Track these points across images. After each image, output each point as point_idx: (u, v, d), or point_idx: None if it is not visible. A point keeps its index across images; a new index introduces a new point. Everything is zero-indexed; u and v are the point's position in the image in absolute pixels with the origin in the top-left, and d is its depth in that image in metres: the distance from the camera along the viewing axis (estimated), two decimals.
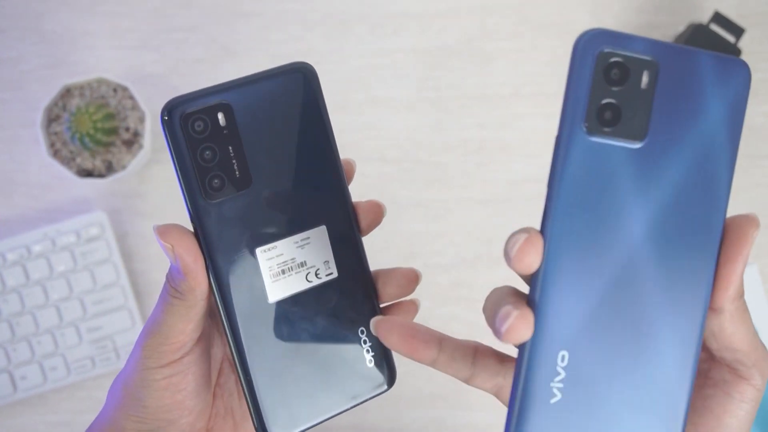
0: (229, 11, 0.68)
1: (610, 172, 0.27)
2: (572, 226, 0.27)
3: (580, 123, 0.27)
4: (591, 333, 0.28)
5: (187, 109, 0.32)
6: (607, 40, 0.27)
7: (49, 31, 0.68)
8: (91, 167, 0.65)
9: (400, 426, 0.67)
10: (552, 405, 0.28)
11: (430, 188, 0.67)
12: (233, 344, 0.34)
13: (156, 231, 0.32)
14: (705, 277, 0.28)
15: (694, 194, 0.28)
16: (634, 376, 0.28)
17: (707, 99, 0.28)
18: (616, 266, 0.28)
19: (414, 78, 0.68)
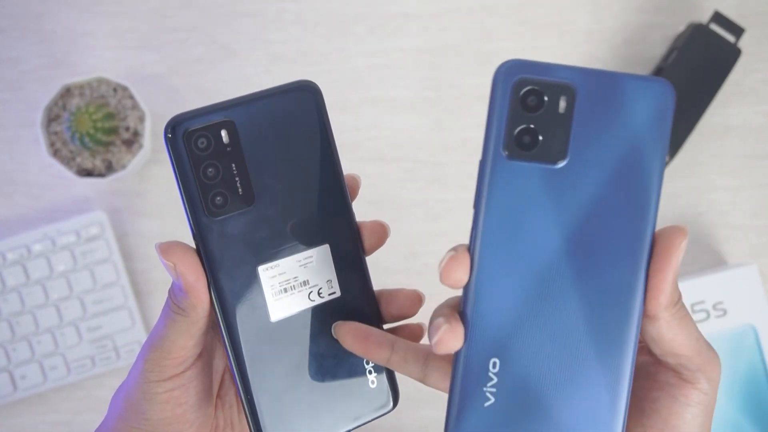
0: (229, 11, 0.68)
1: (532, 191, 0.29)
2: (497, 243, 0.29)
3: (499, 147, 0.29)
4: (521, 341, 0.29)
5: (190, 126, 0.32)
6: (523, 69, 0.29)
7: (49, 31, 0.68)
8: (91, 167, 0.65)
9: (400, 426, 0.67)
10: (486, 408, 0.30)
11: (430, 188, 0.67)
12: (234, 362, 0.34)
13: (158, 249, 0.32)
14: (635, 286, 0.29)
15: (621, 209, 0.29)
16: (567, 380, 0.29)
17: (627, 119, 0.29)
18: (543, 278, 0.29)
19: (414, 78, 0.68)
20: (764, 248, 0.67)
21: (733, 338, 0.62)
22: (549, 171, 0.29)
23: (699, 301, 0.62)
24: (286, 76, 0.67)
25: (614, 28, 0.68)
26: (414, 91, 0.68)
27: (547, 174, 0.29)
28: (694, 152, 0.67)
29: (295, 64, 0.68)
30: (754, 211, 0.67)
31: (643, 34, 0.68)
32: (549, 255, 0.29)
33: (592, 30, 0.68)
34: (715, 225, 0.67)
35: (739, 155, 0.67)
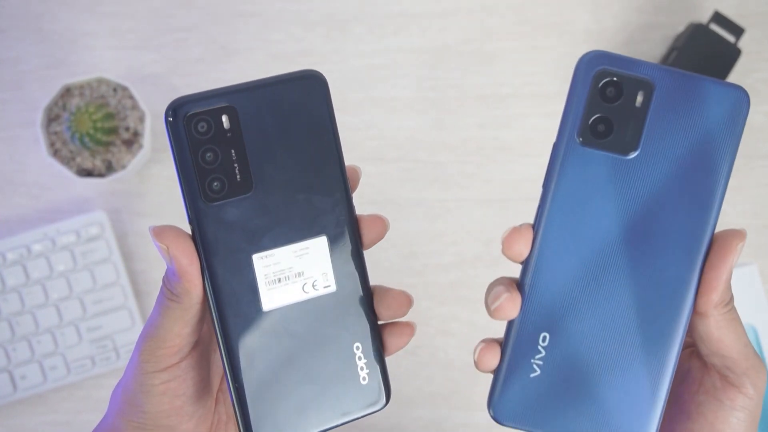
0: (229, 11, 0.68)
1: (601, 178, 0.30)
2: (560, 223, 0.31)
3: (574, 133, 0.30)
4: (572, 320, 0.31)
5: (191, 109, 0.32)
6: (606, 61, 0.30)
7: (49, 31, 0.68)
8: (91, 167, 0.65)
9: (400, 426, 0.67)
10: (531, 378, 0.31)
11: (430, 188, 0.67)
12: (224, 349, 0.33)
13: (152, 232, 0.31)
14: (689, 281, 0.30)
15: (684, 205, 0.30)
16: (611, 364, 0.31)
17: (702, 121, 0.30)
18: (601, 263, 0.31)
19: (414, 78, 0.68)
20: (764, 248, 0.67)
21: None
22: (619, 161, 0.30)
23: None
24: None
25: (614, 28, 0.68)
26: (414, 91, 0.68)
27: (617, 164, 0.30)
28: None
29: (295, 64, 0.68)
30: (754, 211, 0.67)
31: (643, 34, 0.68)
32: (609, 241, 0.30)
33: (592, 30, 0.68)
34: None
35: (739, 155, 0.67)
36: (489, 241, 0.67)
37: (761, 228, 0.67)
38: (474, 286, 0.67)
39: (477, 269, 0.67)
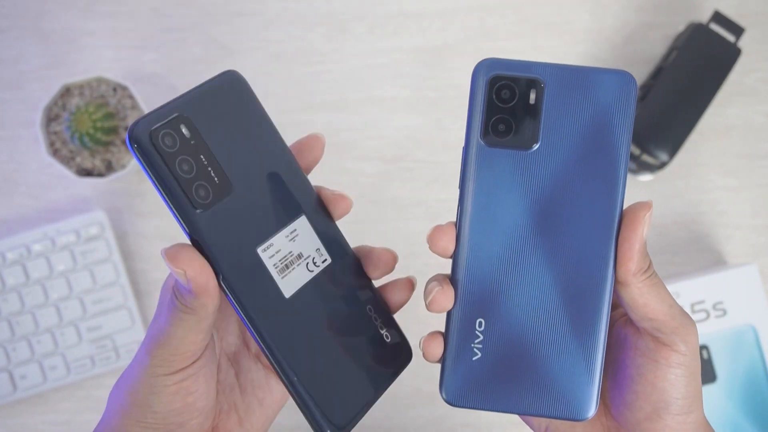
0: (229, 11, 0.68)
1: (509, 173, 0.33)
2: (479, 218, 0.34)
3: (477, 136, 0.34)
4: (504, 304, 0.34)
5: (151, 127, 0.32)
6: (497, 67, 0.33)
7: (49, 31, 0.68)
8: (91, 166, 0.65)
9: (400, 425, 0.67)
10: (474, 362, 0.34)
11: (430, 188, 0.67)
12: (267, 349, 0.34)
13: (165, 257, 0.31)
14: (606, 255, 0.33)
15: (590, 187, 0.33)
16: (546, 339, 0.33)
17: (593, 107, 0.33)
18: (521, 248, 0.33)
19: (414, 78, 0.68)
20: (764, 248, 0.67)
21: (733, 338, 0.62)
22: (522, 155, 0.33)
23: (699, 301, 0.62)
24: (286, 75, 0.68)
25: (614, 27, 0.68)
26: (414, 91, 0.68)
27: (521, 158, 0.33)
28: (694, 152, 0.67)
29: (295, 63, 0.68)
30: (754, 211, 0.67)
31: (643, 34, 0.68)
32: (527, 228, 0.33)
33: (592, 29, 0.68)
34: (715, 225, 0.67)
35: (739, 155, 0.67)
36: None
37: (761, 228, 0.67)
38: None
39: None
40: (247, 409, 0.37)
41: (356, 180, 0.67)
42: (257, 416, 0.37)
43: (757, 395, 0.62)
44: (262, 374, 0.38)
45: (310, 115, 0.67)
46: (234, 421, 0.37)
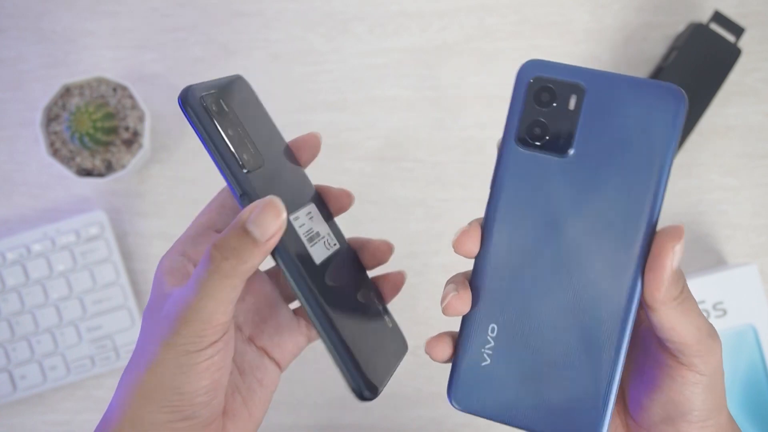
0: (229, 11, 0.68)
1: (540, 178, 0.32)
2: (506, 222, 0.33)
3: (512, 138, 0.33)
4: (519, 312, 0.32)
5: (200, 93, 0.34)
6: (540, 69, 0.32)
7: (49, 30, 0.68)
8: (91, 167, 0.65)
9: (400, 426, 0.67)
10: (483, 367, 0.33)
11: (430, 188, 0.67)
12: (314, 306, 0.35)
13: (251, 214, 0.32)
14: (632, 276, 0.31)
15: (622, 203, 0.31)
16: (560, 353, 0.32)
17: (635, 120, 0.31)
18: (545, 257, 0.32)
19: (414, 78, 0.68)
20: (764, 248, 0.67)
21: (733, 338, 0.62)
22: (556, 161, 0.32)
23: (699, 301, 0.62)
24: (286, 75, 0.68)
25: (614, 27, 0.68)
26: (414, 91, 0.68)
27: (555, 164, 0.32)
28: (694, 152, 0.67)
29: (295, 63, 0.68)
30: (754, 211, 0.67)
31: (642, 34, 0.68)
32: (552, 237, 0.32)
33: (591, 29, 0.68)
34: (715, 225, 0.67)
35: (739, 155, 0.67)
36: None
37: (761, 228, 0.67)
38: None
39: None
40: (248, 389, 0.37)
41: (356, 180, 0.67)
42: (258, 396, 0.37)
43: (757, 395, 0.62)
44: (257, 355, 0.38)
45: (310, 115, 0.67)
46: (239, 402, 0.37)
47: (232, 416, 0.36)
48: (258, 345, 0.39)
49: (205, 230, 0.37)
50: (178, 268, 0.36)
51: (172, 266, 0.36)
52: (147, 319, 0.35)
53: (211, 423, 0.34)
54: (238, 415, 0.36)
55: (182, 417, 0.33)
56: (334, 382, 0.67)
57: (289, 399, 0.67)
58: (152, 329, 0.34)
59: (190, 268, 0.36)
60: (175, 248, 0.37)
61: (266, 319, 0.39)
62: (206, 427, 0.34)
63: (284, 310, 0.40)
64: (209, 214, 0.38)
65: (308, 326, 0.40)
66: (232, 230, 0.32)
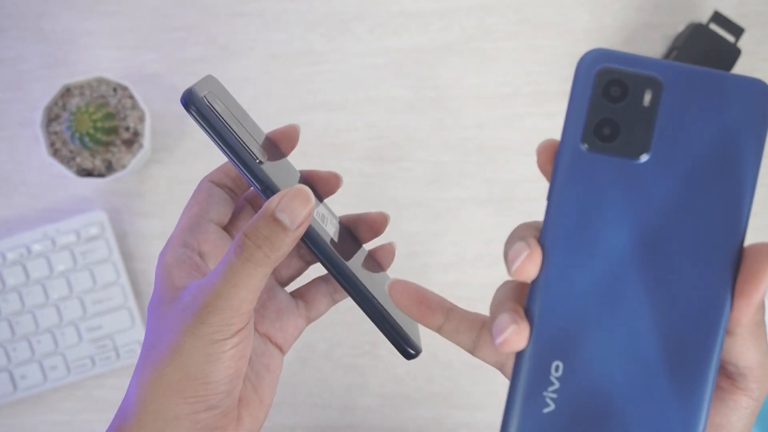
0: (229, 11, 0.68)
1: (611, 186, 0.28)
2: (569, 240, 0.28)
3: (577, 138, 0.28)
4: (588, 346, 0.27)
5: (201, 93, 0.35)
6: (609, 59, 0.28)
7: (49, 30, 0.68)
8: (91, 167, 0.65)
9: (400, 426, 0.67)
10: (544, 414, 0.27)
11: (430, 188, 0.67)
12: (353, 282, 0.36)
13: (280, 204, 0.32)
14: (720, 300, 0.27)
15: (707, 213, 0.27)
16: (636, 394, 0.27)
17: (719, 119, 0.27)
18: (617, 281, 0.27)
19: (414, 78, 0.68)
20: None
21: None
22: (629, 166, 0.28)
23: None
24: (286, 75, 0.68)
25: (614, 27, 0.68)
26: (414, 91, 0.68)
27: (627, 169, 0.28)
28: None
29: (295, 63, 0.68)
30: (754, 210, 0.67)
31: (642, 34, 0.68)
32: (625, 256, 0.28)
33: (591, 29, 0.68)
34: None
35: None
36: (489, 241, 0.67)
37: (761, 228, 0.67)
38: (474, 286, 0.67)
39: (477, 269, 0.67)
40: (257, 376, 0.37)
41: (356, 180, 0.67)
42: (267, 382, 0.38)
43: None
44: (261, 341, 0.38)
45: (310, 115, 0.67)
46: (250, 389, 0.37)
47: (246, 404, 0.36)
48: (261, 331, 0.39)
49: (199, 221, 0.37)
50: (184, 260, 0.36)
51: (178, 258, 0.36)
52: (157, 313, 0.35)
53: (230, 412, 0.34)
54: (251, 402, 0.37)
55: (205, 407, 0.33)
56: (334, 383, 0.67)
57: (291, 400, 0.67)
58: (168, 321, 0.34)
59: (196, 258, 0.36)
60: (174, 241, 0.37)
61: (266, 304, 0.39)
62: (226, 416, 0.34)
63: (282, 294, 0.40)
64: (200, 205, 0.38)
65: (307, 307, 0.40)
66: (262, 219, 0.32)
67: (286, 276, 0.42)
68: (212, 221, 0.38)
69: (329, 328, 0.67)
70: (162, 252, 0.37)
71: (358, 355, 0.67)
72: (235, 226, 0.40)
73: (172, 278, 0.35)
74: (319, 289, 0.41)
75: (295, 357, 0.67)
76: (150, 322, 0.35)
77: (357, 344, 0.67)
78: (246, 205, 0.41)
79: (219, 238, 0.38)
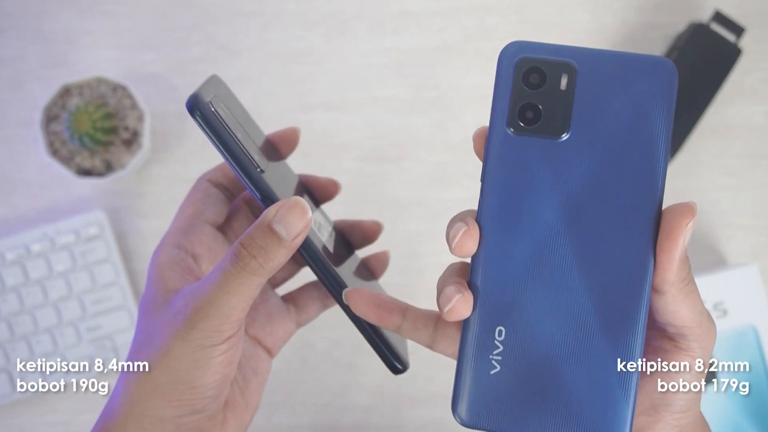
0: (229, 11, 0.68)
1: (537, 164, 0.30)
2: (503, 215, 0.30)
3: (503, 123, 0.31)
4: (527, 311, 0.30)
5: (207, 98, 0.34)
6: (526, 50, 0.31)
7: (49, 30, 0.68)
8: (91, 167, 0.65)
9: (400, 426, 0.67)
10: (492, 375, 0.30)
11: (430, 188, 0.67)
12: (341, 287, 0.35)
13: (275, 213, 0.32)
14: (643, 261, 0.30)
15: (626, 183, 0.30)
16: (573, 352, 0.30)
17: (630, 96, 0.30)
18: (549, 250, 0.30)
19: (414, 78, 0.68)
20: (764, 248, 0.67)
21: (733, 338, 0.62)
22: (551, 144, 0.30)
23: None
24: (286, 75, 0.67)
25: (614, 27, 0.68)
26: (414, 91, 0.68)
27: (550, 147, 0.30)
28: (694, 152, 0.67)
29: (295, 63, 0.68)
30: (754, 211, 0.67)
31: (643, 34, 0.68)
32: (555, 226, 0.30)
33: (592, 29, 0.68)
34: (715, 225, 0.67)
35: (739, 155, 0.67)
36: None
37: (762, 228, 0.67)
38: None
39: None
40: (244, 379, 0.37)
41: (356, 180, 0.67)
42: (254, 385, 0.38)
43: (758, 395, 0.62)
44: (250, 345, 0.38)
45: (310, 115, 0.67)
46: (237, 392, 0.37)
47: (232, 407, 0.36)
48: (250, 334, 0.39)
49: (194, 221, 0.37)
50: (177, 262, 0.36)
51: (171, 260, 0.36)
52: (148, 314, 0.35)
53: (215, 416, 0.34)
54: (237, 405, 0.36)
55: (191, 411, 0.33)
56: (334, 383, 0.67)
57: (289, 400, 0.67)
58: (159, 324, 0.34)
59: (189, 261, 0.36)
60: (168, 241, 0.37)
61: (257, 307, 0.39)
62: (211, 419, 0.34)
63: (273, 298, 0.40)
64: (195, 206, 0.38)
65: (297, 311, 0.40)
66: (259, 229, 0.32)
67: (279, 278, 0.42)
68: (207, 222, 0.38)
69: (329, 327, 0.67)
70: (155, 251, 0.37)
71: (358, 354, 0.67)
72: (231, 227, 0.40)
73: (164, 280, 0.35)
74: (311, 294, 0.41)
75: (295, 356, 0.67)
76: (140, 323, 0.35)
77: (357, 344, 0.67)
78: (242, 206, 0.40)
79: (213, 240, 0.37)
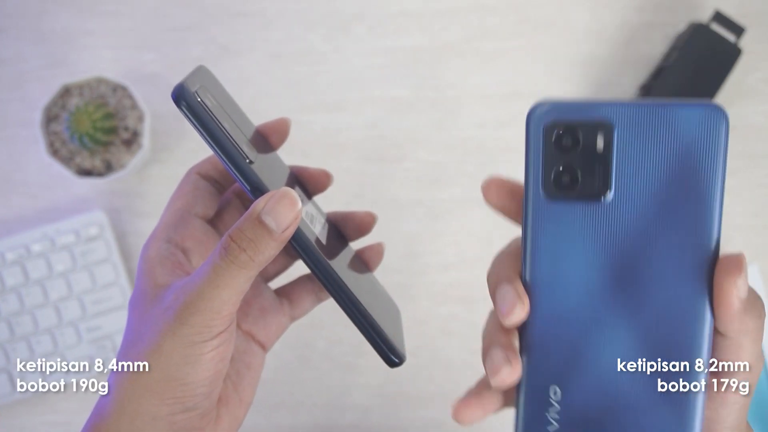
0: (229, 10, 0.68)
1: (579, 227, 0.29)
2: (550, 279, 0.29)
3: (538, 190, 0.29)
4: (579, 369, 0.30)
5: (193, 88, 0.34)
6: (556, 111, 0.29)
7: (49, 30, 0.68)
8: (91, 167, 0.65)
9: (400, 426, 0.67)
10: None
11: (430, 188, 0.67)
12: (339, 287, 0.35)
13: (279, 197, 0.32)
14: (698, 314, 0.29)
15: (676, 237, 0.29)
16: (631, 408, 0.29)
17: (676, 148, 0.28)
18: (599, 311, 0.29)
19: (414, 78, 0.68)
20: (764, 248, 0.67)
21: None
22: (593, 207, 0.29)
23: None
24: (286, 75, 0.67)
25: (614, 27, 0.68)
26: (414, 91, 0.68)
27: (592, 210, 0.29)
28: None
29: (295, 63, 0.68)
30: (754, 211, 0.67)
31: (643, 34, 0.68)
32: (605, 285, 0.29)
33: (592, 29, 0.68)
34: None
35: (739, 155, 0.67)
36: (489, 242, 0.67)
37: (761, 228, 0.67)
38: (474, 286, 0.67)
39: (477, 269, 0.67)
40: (237, 374, 0.37)
41: (356, 180, 0.67)
42: (247, 380, 0.37)
43: (758, 395, 0.62)
44: (243, 339, 0.38)
45: (310, 115, 0.67)
46: (230, 388, 0.36)
47: (225, 403, 0.36)
48: (243, 329, 0.38)
49: (184, 215, 0.37)
50: (167, 257, 0.35)
51: (160, 254, 0.35)
52: (138, 310, 0.34)
53: (208, 413, 0.34)
54: (230, 401, 0.36)
55: (183, 409, 0.33)
56: (334, 383, 0.67)
57: (289, 400, 0.67)
58: (149, 320, 0.33)
59: (179, 256, 0.35)
60: (157, 235, 0.36)
61: (250, 302, 0.39)
62: (204, 417, 0.34)
63: (267, 292, 0.40)
64: (184, 199, 0.37)
65: (291, 305, 0.40)
66: (248, 221, 0.32)
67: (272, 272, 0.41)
68: (197, 216, 0.37)
69: (329, 327, 0.67)
70: (145, 245, 0.36)
71: (357, 354, 0.67)
72: (222, 220, 0.39)
73: (154, 275, 0.35)
74: (304, 287, 0.40)
75: (294, 356, 0.67)
76: (131, 319, 0.34)
77: (357, 343, 0.67)
78: (233, 198, 0.40)
79: (203, 234, 0.37)
